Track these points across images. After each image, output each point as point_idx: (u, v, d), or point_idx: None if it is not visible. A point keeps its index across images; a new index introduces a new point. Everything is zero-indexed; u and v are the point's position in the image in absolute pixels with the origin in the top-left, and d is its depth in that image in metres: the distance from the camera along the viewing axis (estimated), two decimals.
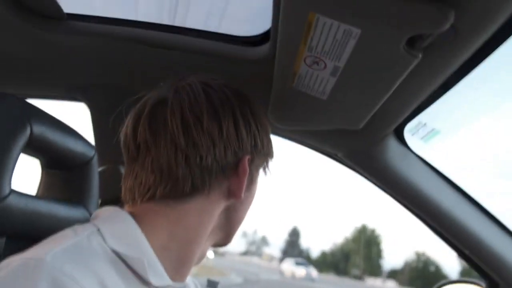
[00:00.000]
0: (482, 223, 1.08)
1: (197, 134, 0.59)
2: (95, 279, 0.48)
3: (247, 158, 0.62)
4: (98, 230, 0.56)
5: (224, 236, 0.68)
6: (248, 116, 0.64)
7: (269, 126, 0.70)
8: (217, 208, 0.63)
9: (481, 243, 1.07)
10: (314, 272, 28.80)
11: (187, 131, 0.59)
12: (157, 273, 0.56)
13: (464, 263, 1.21)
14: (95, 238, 0.54)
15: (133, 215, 0.59)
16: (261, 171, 0.69)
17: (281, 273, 28.76)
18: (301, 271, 26.99)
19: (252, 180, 0.66)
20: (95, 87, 1.06)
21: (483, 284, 1.22)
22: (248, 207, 0.69)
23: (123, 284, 0.52)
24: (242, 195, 0.63)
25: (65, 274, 0.46)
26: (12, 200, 0.73)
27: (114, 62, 0.98)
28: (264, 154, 0.67)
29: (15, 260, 0.48)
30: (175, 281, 0.60)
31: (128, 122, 0.64)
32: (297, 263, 29.32)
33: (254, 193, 0.69)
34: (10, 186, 0.73)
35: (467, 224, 1.06)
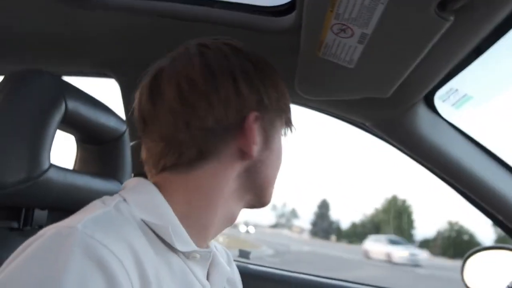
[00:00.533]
0: None
1: (192, 97, 0.59)
2: (125, 244, 0.50)
3: (253, 115, 0.61)
4: (125, 200, 0.58)
5: (255, 197, 0.67)
6: (249, 71, 0.63)
7: (280, 81, 0.68)
8: (231, 170, 0.62)
9: None
10: (421, 253, 18.99)
11: (182, 96, 0.59)
12: (182, 240, 0.58)
13: (499, 231, 1.19)
14: (123, 207, 0.56)
15: (155, 185, 0.61)
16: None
17: (366, 255, 18.87)
18: (400, 253, 16.94)
19: (268, 138, 0.65)
20: (124, 62, 1.08)
21: None
22: (275, 166, 0.68)
23: (151, 250, 0.54)
24: (254, 153, 0.62)
25: (97, 240, 0.47)
26: (52, 174, 0.76)
27: (141, 36, 0.99)
28: (276, 110, 0.65)
29: (49, 229, 0.50)
30: (200, 246, 0.62)
31: (136, 95, 0.66)
32: (391, 241, 18.87)
33: (278, 150, 0.68)
34: (49, 161, 0.76)
35: (499, 189, 1.04)
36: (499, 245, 1.35)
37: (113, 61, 1.09)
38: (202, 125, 0.59)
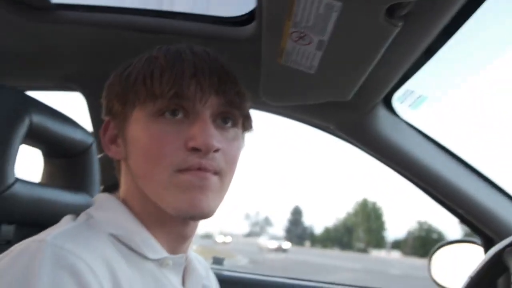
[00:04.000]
0: (473, 183, 1.12)
1: None
2: (97, 254, 0.50)
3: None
4: (93, 217, 0.59)
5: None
6: None
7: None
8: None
9: (473, 202, 1.11)
10: (286, 244, 34.78)
11: None
12: (152, 248, 0.59)
13: (466, 228, 1.25)
14: (92, 222, 0.58)
15: (124, 198, 0.63)
16: None
17: (258, 247, 33.91)
18: (273, 244, 32.80)
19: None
20: (88, 76, 1.08)
21: (479, 242, 1.26)
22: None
23: (123, 261, 0.54)
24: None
25: (67, 250, 0.48)
26: (18, 188, 0.75)
27: (105, 49, 1.00)
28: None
29: (18, 245, 0.50)
30: (176, 254, 0.62)
31: None
32: (271, 238, 37.48)
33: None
34: (14, 175, 0.75)
35: (459, 184, 1.10)
36: (462, 238, 1.41)
37: (78, 75, 1.09)
38: None
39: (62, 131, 0.90)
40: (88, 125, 1.08)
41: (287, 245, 35.06)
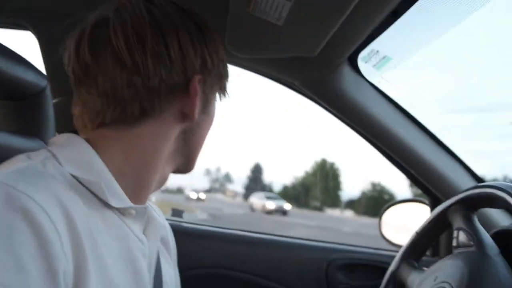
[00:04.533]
0: (426, 145, 1.17)
1: (140, 55, 0.57)
2: (51, 196, 0.48)
3: (197, 77, 0.61)
4: (54, 155, 0.56)
5: (185, 161, 0.68)
6: (193, 33, 0.62)
7: (221, 45, 0.68)
8: (172, 131, 0.62)
9: (425, 163, 1.16)
10: (287, 205, 28.40)
11: (131, 52, 0.57)
12: (116, 195, 0.57)
13: (415, 190, 1.31)
14: (50, 162, 0.54)
15: (87, 141, 0.59)
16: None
17: (251, 207, 28.66)
18: (271, 205, 26.72)
19: (207, 101, 0.65)
20: (40, 12, 1.00)
21: (427, 202, 1.34)
22: (207, 130, 0.69)
23: (82, 204, 0.52)
24: (196, 116, 0.62)
25: (19, 191, 0.45)
26: None
27: None
28: (216, 74, 0.65)
29: None
30: (136, 204, 0.61)
31: (70, 44, 0.62)
32: (268, 197, 29.44)
33: (213, 115, 0.69)
34: None
35: (413, 146, 1.14)
36: (411, 198, 1.49)
37: (29, 11, 1.01)
38: (148, 84, 0.58)
39: (12, 70, 0.84)
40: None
41: (288, 206, 28.35)
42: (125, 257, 0.57)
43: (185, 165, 0.69)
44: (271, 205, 26.66)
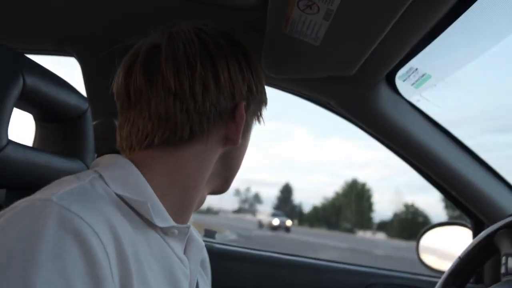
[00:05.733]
0: (468, 165, 1.12)
1: (191, 80, 0.59)
2: (102, 218, 0.49)
3: (243, 103, 0.63)
4: (100, 176, 0.56)
5: (222, 183, 0.69)
6: (241, 61, 0.64)
7: (263, 73, 0.70)
8: (215, 154, 0.64)
9: (468, 184, 1.11)
10: (288, 221, 32.04)
11: (181, 77, 0.59)
12: (161, 216, 0.57)
13: (450, 213, 1.26)
14: (98, 183, 0.55)
15: (133, 162, 0.60)
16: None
17: (259, 224, 32.31)
18: (275, 221, 30.61)
19: (247, 127, 0.68)
20: (84, 39, 1.04)
21: (469, 225, 1.28)
22: (244, 153, 0.71)
23: (129, 225, 0.53)
24: (240, 140, 0.64)
25: (73, 213, 0.46)
26: (10, 151, 0.73)
27: (102, 11, 0.96)
28: (259, 100, 0.68)
29: (21, 202, 0.48)
30: (176, 223, 0.61)
31: (120, 70, 0.64)
32: (273, 215, 33.85)
33: (249, 140, 0.71)
34: (7, 137, 0.73)
35: (454, 166, 1.10)
36: (450, 221, 1.43)
37: (72, 37, 1.05)
38: (199, 108, 0.60)
39: (56, 94, 0.87)
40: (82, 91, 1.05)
41: (289, 222, 32.03)
42: (168, 278, 0.57)
43: (221, 187, 0.71)
44: (276, 221, 30.67)
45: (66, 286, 0.42)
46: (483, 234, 0.80)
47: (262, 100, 0.69)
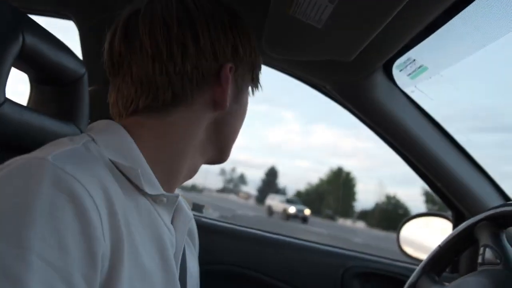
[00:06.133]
0: (455, 158, 1.15)
1: (168, 41, 0.59)
2: (96, 180, 0.49)
3: (228, 65, 0.62)
4: (93, 140, 0.57)
5: (217, 152, 0.69)
6: (226, 22, 0.63)
7: (253, 35, 0.69)
8: (203, 119, 0.63)
9: (453, 177, 1.15)
10: (307, 210, 27.17)
11: (157, 38, 0.59)
12: (150, 183, 0.58)
13: (430, 207, 1.30)
14: (92, 146, 0.56)
15: (125, 128, 0.61)
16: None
17: (268, 210, 27.63)
18: (291, 209, 25.75)
19: (239, 90, 0.66)
20: (82, 3, 1.03)
21: (449, 217, 1.32)
22: (240, 120, 0.70)
23: (120, 190, 0.53)
24: (227, 104, 0.63)
25: (67, 173, 0.47)
26: (7, 109, 0.73)
27: None
28: (248, 63, 0.67)
29: (16, 160, 0.48)
30: (166, 192, 0.62)
31: (107, 36, 0.65)
32: (288, 201, 28.31)
33: (245, 106, 0.70)
34: (4, 95, 0.73)
35: (441, 158, 1.13)
36: (431, 212, 1.47)
37: (72, 1, 1.04)
38: (180, 70, 0.59)
39: (55, 56, 0.86)
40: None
41: (308, 211, 26.72)
42: (155, 244, 0.57)
43: (217, 156, 0.70)
44: (292, 209, 25.47)
45: (59, 243, 0.43)
46: (464, 224, 0.83)
47: (253, 63, 0.68)
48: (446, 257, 0.86)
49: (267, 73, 1.15)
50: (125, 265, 0.49)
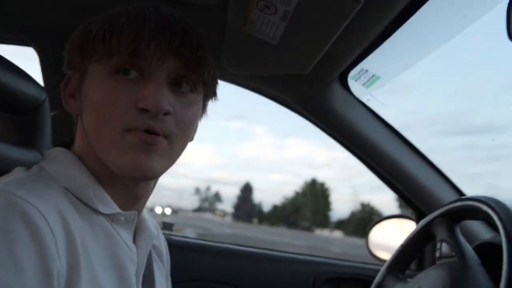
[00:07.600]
0: (411, 160, 1.21)
1: None
2: (50, 203, 0.50)
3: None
4: (45, 169, 0.58)
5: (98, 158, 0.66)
6: None
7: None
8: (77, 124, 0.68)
9: (411, 178, 1.20)
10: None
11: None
12: (104, 202, 0.58)
13: (404, 211, 1.34)
14: (44, 174, 0.57)
15: (80, 154, 0.61)
16: None
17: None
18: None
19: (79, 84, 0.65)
20: (43, 30, 1.03)
21: (413, 217, 1.37)
22: (95, 119, 0.64)
23: (75, 212, 0.54)
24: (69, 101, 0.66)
25: (19, 197, 0.47)
26: None
27: (63, 4, 0.96)
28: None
29: None
30: (128, 210, 0.62)
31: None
32: None
33: (96, 98, 0.63)
34: None
35: (400, 161, 1.18)
36: (397, 214, 1.52)
37: (32, 28, 1.04)
38: None
39: (13, 84, 0.86)
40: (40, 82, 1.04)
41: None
42: (112, 263, 0.58)
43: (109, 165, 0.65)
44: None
45: (15, 265, 0.43)
46: (421, 223, 0.87)
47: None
48: (408, 255, 0.90)
49: (236, 91, 1.18)
50: (82, 284, 0.50)
